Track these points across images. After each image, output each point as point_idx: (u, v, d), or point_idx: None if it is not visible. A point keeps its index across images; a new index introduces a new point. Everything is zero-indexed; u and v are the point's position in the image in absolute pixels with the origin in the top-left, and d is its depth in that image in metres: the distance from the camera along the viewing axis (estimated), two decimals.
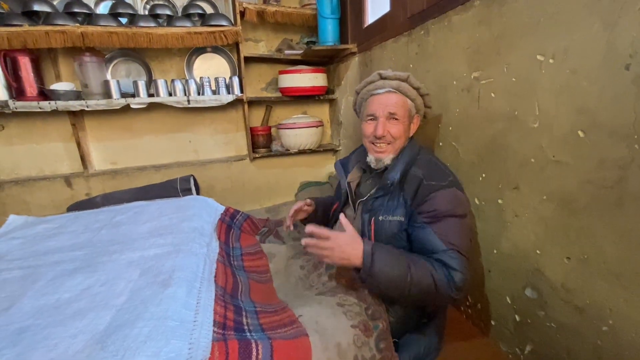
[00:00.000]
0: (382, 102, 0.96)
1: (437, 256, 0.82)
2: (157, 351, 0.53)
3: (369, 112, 0.98)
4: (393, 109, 0.95)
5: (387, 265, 0.77)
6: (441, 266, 0.80)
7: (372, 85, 0.99)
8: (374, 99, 0.98)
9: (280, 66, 2.02)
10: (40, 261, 0.90)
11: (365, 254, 0.78)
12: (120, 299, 0.69)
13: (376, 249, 0.79)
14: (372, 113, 0.97)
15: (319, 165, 2.26)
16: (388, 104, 0.95)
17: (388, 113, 0.95)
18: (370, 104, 0.99)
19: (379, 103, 0.96)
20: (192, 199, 1.35)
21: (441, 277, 0.78)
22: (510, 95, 0.82)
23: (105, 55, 1.78)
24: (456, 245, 0.82)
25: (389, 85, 0.96)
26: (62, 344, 0.56)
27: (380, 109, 0.96)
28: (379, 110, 0.96)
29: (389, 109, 0.95)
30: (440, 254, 0.81)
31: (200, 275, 0.81)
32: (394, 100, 0.95)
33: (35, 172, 1.83)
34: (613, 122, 0.61)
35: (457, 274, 0.79)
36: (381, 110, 0.95)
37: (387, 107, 0.95)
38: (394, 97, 0.96)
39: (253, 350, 0.65)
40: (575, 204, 0.69)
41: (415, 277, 0.77)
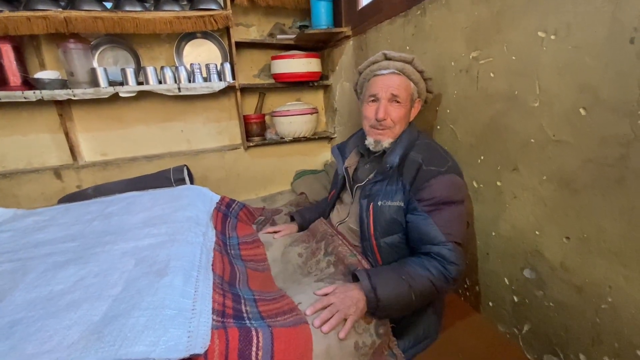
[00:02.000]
0: (386, 83, 0.94)
1: (436, 249, 0.83)
2: (155, 340, 0.52)
3: (371, 92, 0.96)
4: (396, 91, 0.93)
5: (391, 294, 0.77)
6: (437, 264, 0.82)
7: (376, 65, 0.97)
8: (377, 79, 0.95)
9: (272, 51, 1.97)
10: (31, 254, 0.87)
11: (366, 291, 0.77)
12: (115, 289, 0.67)
13: (376, 283, 0.78)
14: (374, 94, 0.95)
15: (314, 154, 2.24)
16: (391, 86, 0.93)
17: (391, 94, 0.93)
18: (372, 85, 0.96)
19: (382, 84, 0.94)
20: (186, 189, 1.33)
21: (438, 277, 0.81)
22: (510, 75, 0.81)
23: (91, 42, 1.71)
24: (454, 236, 0.85)
25: (393, 67, 0.94)
26: (57, 335, 0.55)
27: (383, 90, 0.94)
28: (381, 91, 0.94)
29: (392, 90, 0.93)
30: (439, 247, 0.83)
31: (197, 264, 0.79)
32: (397, 82, 0.93)
33: (23, 165, 1.78)
34: (616, 98, 0.59)
35: (453, 267, 0.82)
36: (384, 92, 0.93)
37: (390, 88, 0.93)
38: (397, 79, 0.94)
39: (253, 338, 0.64)
40: (575, 183, 0.68)
41: (417, 291, 0.80)
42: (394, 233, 0.94)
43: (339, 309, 0.75)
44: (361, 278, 0.80)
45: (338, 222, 1.14)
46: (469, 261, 1.03)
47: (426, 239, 0.85)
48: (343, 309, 0.75)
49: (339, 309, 0.75)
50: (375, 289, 0.77)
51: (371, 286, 0.78)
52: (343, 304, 0.76)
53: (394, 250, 0.94)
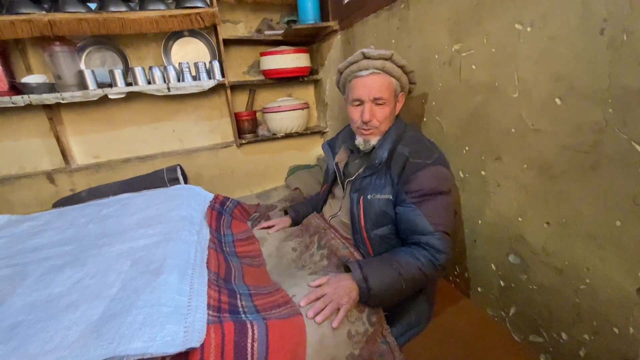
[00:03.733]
0: (367, 86, 0.94)
1: (425, 239, 0.86)
2: (152, 336, 0.54)
3: (355, 96, 0.96)
4: (378, 93, 0.93)
5: (382, 283, 0.79)
6: (426, 253, 0.85)
7: (356, 65, 0.96)
8: (359, 82, 0.95)
9: (261, 48, 1.97)
10: (28, 258, 0.88)
11: (358, 281, 0.79)
12: (112, 289, 0.69)
13: (367, 272, 0.80)
14: (357, 97, 0.95)
15: (307, 149, 2.25)
16: (373, 88, 0.93)
17: (374, 98, 0.93)
18: (355, 88, 0.96)
19: (364, 87, 0.94)
20: (180, 188, 1.34)
21: (427, 265, 0.84)
22: (490, 66, 0.83)
23: (77, 44, 1.70)
24: (442, 225, 0.87)
25: (372, 66, 0.93)
26: (57, 335, 0.56)
27: (365, 93, 0.94)
28: (364, 94, 0.94)
29: (375, 93, 0.93)
30: (427, 237, 0.86)
31: (192, 262, 0.81)
32: (379, 82, 0.93)
33: (15, 170, 1.78)
34: (588, 87, 0.62)
35: (442, 256, 0.85)
36: (366, 95, 0.94)
37: (373, 91, 0.93)
38: (378, 79, 0.93)
39: (249, 331, 0.67)
40: (553, 170, 0.71)
41: (408, 279, 0.82)
42: (383, 225, 0.96)
43: (332, 299, 0.77)
44: (353, 269, 0.82)
45: (330, 216, 1.16)
46: (458, 249, 1.06)
47: (415, 230, 0.88)
48: (336, 299, 0.77)
49: (332, 299, 0.77)
50: (367, 279, 0.79)
51: (362, 276, 0.80)
52: (336, 294, 0.78)
53: (384, 241, 0.97)
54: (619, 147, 0.58)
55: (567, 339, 0.75)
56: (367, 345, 0.83)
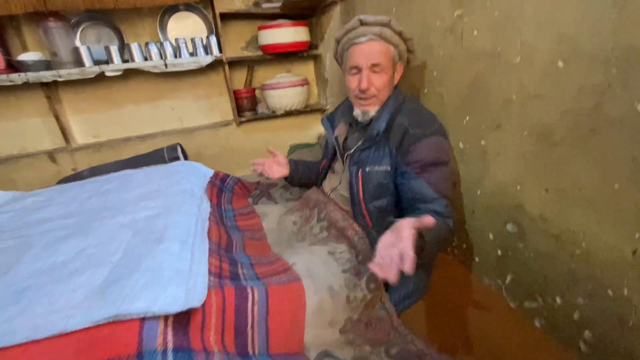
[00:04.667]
0: (365, 52, 0.92)
1: (431, 207, 0.86)
2: (155, 297, 0.55)
3: (352, 64, 0.95)
4: (376, 60, 0.92)
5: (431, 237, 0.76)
6: (438, 216, 0.83)
7: (353, 32, 0.94)
8: (356, 49, 0.94)
9: (259, 22, 1.92)
10: (32, 231, 0.90)
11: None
12: (114, 256, 0.70)
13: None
14: (355, 65, 0.94)
15: (307, 127, 2.24)
16: (371, 55, 0.92)
17: (371, 64, 0.92)
18: (352, 55, 0.95)
19: (362, 53, 0.93)
20: (180, 164, 1.35)
21: (442, 221, 0.83)
22: (492, 31, 0.80)
23: (71, 20, 1.67)
24: (444, 193, 0.88)
25: (370, 32, 0.91)
26: (63, 298, 0.58)
27: (363, 60, 0.93)
28: (361, 61, 0.93)
29: (372, 59, 0.92)
30: (432, 204, 0.86)
31: (193, 232, 0.82)
32: (377, 49, 0.92)
33: (17, 150, 1.79)
34: (592, 48, 0.60)
35: (450, 220, 0.86)
36: (364, 62, 0.92)
37: (370, 57, 0.92)
38: (376, 45, 0.92)
39: (249, 295, 0.68)
40: (553, 136, 0.70)
41: (443, 235, 0.82)
42: (382, 197, 0.97)
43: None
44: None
45: (330, 190, 1.17)
46: (457, 220, 1.06)
47: (419, 198, 0.88)
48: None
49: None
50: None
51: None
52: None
53: (383, 213, 0.98)
54: (620, 109, 0.57)
55: (562, 303, 0.76)
56: (366, 310, 0.85)
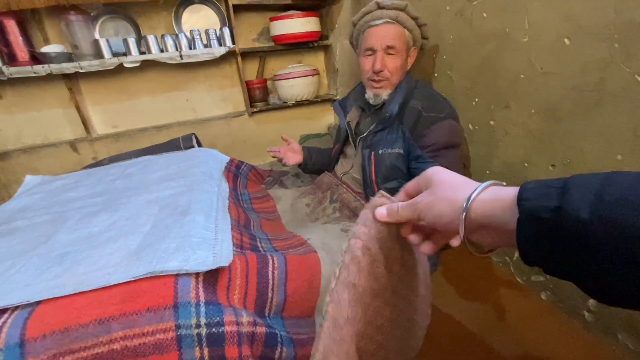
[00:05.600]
0: (380, 35, 0.95)
1: None
2: (186, 258, 0.61)
3: (367, 45, 0.98)
4: (391, 42, 0.94)
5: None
6: None
7: (370, 15, 0.98)
8: (372, 31, 0.97)
9: (270, 13, 1.96)
10: (65, 207, 0.97)
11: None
12: (145, 227, 0.76)
13: None
14: (370, 47, 0.97)
15: (317, 117, 2.28)
16: (386, 37, 0.94)
17: (386, 46, 0.95)
18: (368, 37, 0.98)
19: (377, 35, 0.96)
20: (197, 151, 1.40)
21: None
22: (501, 12, 0.83)
23: (91, 14, 1.73)
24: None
25: (386, 16, 0.94)
26: (102, 260, 0.64)
27: (378, 41, 0.95)
28: (377, 43, 0.95)
29: (387, 41, 0.94)
30: None
31: (215, 207, 0.88)
32: (392, 32, 0.95)
33: (40, 140, 1.86)
34: (595, 24, 0.63)
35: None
36: (379, 44, 0.95)
37: (385, 39, 0.94)
38: (392, 28, 0.95)
39: (269, 261, 0.73)
40: (559, 112, 0.73)
41: None
42: (394, 179, 1.00)
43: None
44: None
45: (342, 173, 1.21)
46: None
47: None
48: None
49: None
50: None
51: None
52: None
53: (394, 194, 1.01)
54: (622, 82, 0.60)
55: None
56: None
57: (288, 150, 1.31)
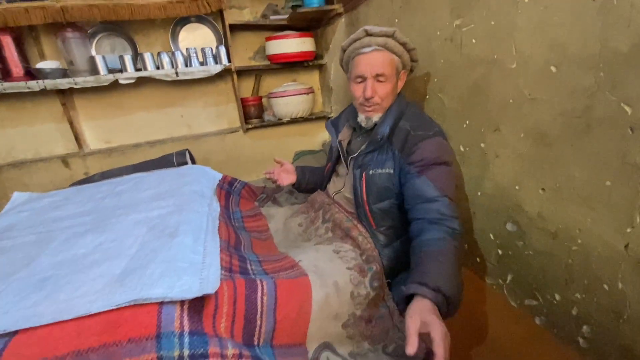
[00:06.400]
0: (370, 63, 0.96)
1: (434, 206, 0.86)
2: (171, 284, 0.59)
3: (357, 73, 0.98)
4: (381, 69, 0.95)
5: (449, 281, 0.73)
6: (439, 227, 0.83)
7: (359, 42, 0.98)
8: (361, 58, 0.97)
9: (266, 33, 1.99)
10: (51, 227, 0.94)
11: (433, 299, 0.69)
12: (131, 250, 0.74)
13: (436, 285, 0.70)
14: (360, 74, 0.98)
15: (312, 134, 2.29)
16: (375, 64, 0.95)
17: (376, 74, 0.95)
18: (357, 64, 0.99)
19: (367, 63, 0.96)
20: (190, 168, 1.39)
21: (451, 235, 0.82)
22: (489, 39, 0.85)
23: (88, 31, 1.75)
24: (447, 192, 0.88)
25: (375, 43, 0.95)
26: (85, 286, 0.62)
27: (368, 69, 0.96)
28: (366, 71, 0.96)
29: (377, 69, 0.95)
30: (434, 204, 0.86)
31: (205, 228, 0.86)
32: (381, 59, 0.95)
33: (32, 155, 1.84)
34: (581, 53, 0.64)
35: (454, 221, 0.85)
36: (369, 71, 0.96)
37: (375, 67, 0.95)
38: (380, 56, 0.95)
39: (259, 286, 0.72)
40: (548, 137, 0.74)
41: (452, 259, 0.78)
42: (385, 199, 1.00)
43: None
44: (423, 293, 0.70)
45: (334, 192, 1.20)
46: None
47: (421, 197, 0.88)
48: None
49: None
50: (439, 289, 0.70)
51: (435, 292, 0.69)
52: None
53: (386, 215, 1.00)
54: (609, 110, 0.61)
55: (560, 299, 0.79)
56: (368, 307, 0.88)
57: (282, 172, 1.32)
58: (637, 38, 0.55)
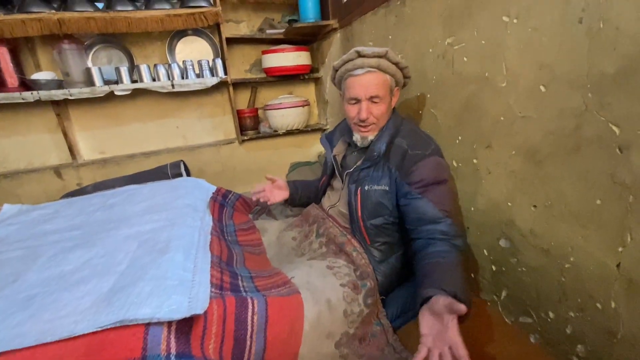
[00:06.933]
0: (363, 85, 0.95)
1: (439, 227, 0.87)
2: (159, 304, 0.58)
3: (351, 95, 0.97)
4: (374, 92, 0.94)
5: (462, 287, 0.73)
6: (446, 244, 0.84)
7: (351, 64, 0.96)
8: (354, 80, 0.96)
9: (263, 46, 2.02)
10: (40, 242, 0.93)
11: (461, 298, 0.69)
12: (120, 266, 0.73)
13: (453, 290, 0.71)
14: (354, 96, 0.97)
15: (307, 145, 2.29)
16: (369, 87, 0.94)
17: (370, 96, 0.95)
18: (351, 87, 0.97)
19: (360, 85, 0.95)
20: (184, 180, 1.38)
21: (457, 251, 0.84)
22: (480, 58, 0.87)
23: (85, 42, 1.76)
24: (449, 212, 0.89)
25: (367, 65, 0.93)
26: (71, 304, 0.60)
27: (362, 92, 0.95)
28: (360, 93, 0.95)
29: (371, 91, 0.94)
30: (439, 225, 0.87)
31: (196, 244, 0.85)
32: (375, 81, 0.94)
33: (24, 165, 1.83)
34: (569, 74, 0.65)
35: (459, 240, 0.86)
36: (363, 94, 0.95)
37: (369, 90, 0.94)
38: (374, 77, 0.94)
39: (249, 305, 0.70)
40: (539, 154, 0.75)
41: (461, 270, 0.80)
42: (379, 215, 0.99)
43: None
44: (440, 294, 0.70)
45: (329, 206, 1.20)
46: None
47: (425, 219, 0.89)
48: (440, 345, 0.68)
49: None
50: (456, 294, 0.70)
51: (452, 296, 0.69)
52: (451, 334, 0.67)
53: (380, 231, 1.00)
54: (597, 130, 0.62)
55: (554, 317, 0.78)
56: (362, 325, 0.86)
57: (273, 188, 1.30)
58: (624, 60, 0.56)
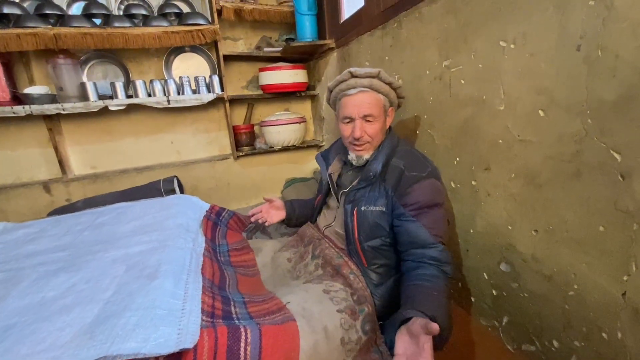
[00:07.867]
0: (357, 104, 0.96)
1: (429, 253, 0.86)
2: (146, 337, 0.54)
3: (345, 114, 0.98)
4: (367, 110, 0.95)
5: (443, 314, 0.72)
6: (435, 269, 0.84)
7: (344, 84, 0.98)
8: (348, 100, 0.97)
9: (260, 64, 2.03)
10: (23, 264, 0.88)
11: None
12: (106, 293, 0.69)
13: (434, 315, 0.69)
14: (347, 115, 0.98)
15: (303, 162, 2.28)
16: (362, 106, 0.95)
17: (363, 115, 0.95)
18: (344, 106, 0.98)
19: (353, 105, 0.96)
20: (176, 198, 1.35)
21: (444, 277, 0.83)
22: (478, 81, 0.87)
23: (80, 57, 1.75)
24: (442, 237, 0.89)
25: (360, 85, 0.95)
26: (50, 337, 0.56)
27: (355, 111, 0.96)
28: (354, 112, 0.96)
29: (364, 110, 0.95)
30: (430, 250, 0.86)
31: (187, 268, 0.82)
32: (367, 100, 0.95)
33: (12, 180, 1.78)
34: (568, 100, 0.65)
35: (447, 266, 0.85)
36: (356, 113, 0.96)
37: (362, 109, 0.95)
38: (367, 97, 0.95)
39: (242, 335, 0.67)
40: (539, 179, 0.74)
41: (444, 297, 0.78)
42: (376, 237, 0.97)
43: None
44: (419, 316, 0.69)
45: (325, 226, 1.17)
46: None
47: (417, 242, 0.88)
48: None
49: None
50: (435, 319, 0.68)
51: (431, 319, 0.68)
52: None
53: (377, 252, 0.98)
54: (598, 156, 0.61)
55: (559, 346, 0.75)
56: (360, 353, 0.83)
57: (271, 208, 1.29)
58: (624, 88, 0.56)
